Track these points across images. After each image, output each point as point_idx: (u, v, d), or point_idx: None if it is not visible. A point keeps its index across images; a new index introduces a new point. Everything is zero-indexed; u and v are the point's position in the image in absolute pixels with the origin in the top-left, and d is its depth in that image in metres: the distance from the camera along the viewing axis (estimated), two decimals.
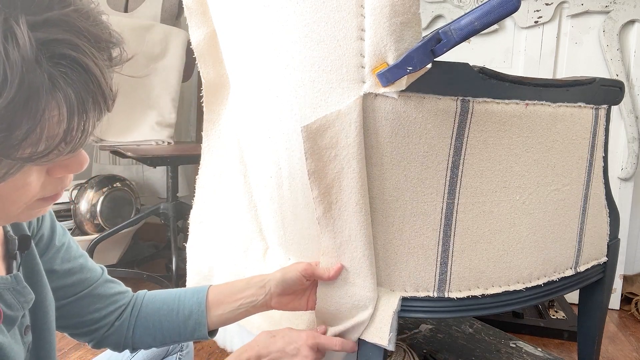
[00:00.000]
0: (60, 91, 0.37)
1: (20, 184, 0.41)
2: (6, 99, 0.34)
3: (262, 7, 0.73)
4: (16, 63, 0.34)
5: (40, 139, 0.37)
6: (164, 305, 0.76)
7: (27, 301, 0.57)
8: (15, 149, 0.36)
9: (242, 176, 1.02)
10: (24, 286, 0.57)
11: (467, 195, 0.72)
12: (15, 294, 0.55)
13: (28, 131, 0.36)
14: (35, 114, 0.36)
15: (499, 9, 0.54)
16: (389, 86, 0.63)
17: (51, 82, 0.36)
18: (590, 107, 0.84)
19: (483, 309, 0.78)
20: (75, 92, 0.37)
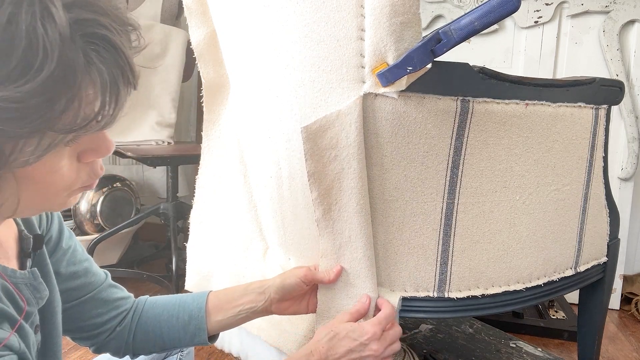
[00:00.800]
0: (94, 67, 0.39)
1: (54, 168, 0.43)
2: (47, 72, 0.36)
3: (262, 7, 0.73)
4: (55, 39, 0.36)
5: (79, 111, 0.39)
6: (164, 311, 0.76)
7: (42, 297, 0.57)
8: (56, 120, 0.38)
9: (242, 176, 1.02)
10: (39, 282, 0.58)
11: (467, 195, 0.72)
12: (32, 289, 0.56)
13: (67, 104, 0.38)
14: (72, 88, 0.38)
15: (499, 9, 0.54)
16: (389, 86, 0.63)
17: (85, 58, 0.38)
18: (590, 107, 0.84)
19: (483, 309, 0.78)
20: (107, 68, 0.40)
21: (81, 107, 0.39)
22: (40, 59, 0.36)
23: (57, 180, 0.44)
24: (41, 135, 0.39)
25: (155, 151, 1.71)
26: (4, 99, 0.35)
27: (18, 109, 0.36)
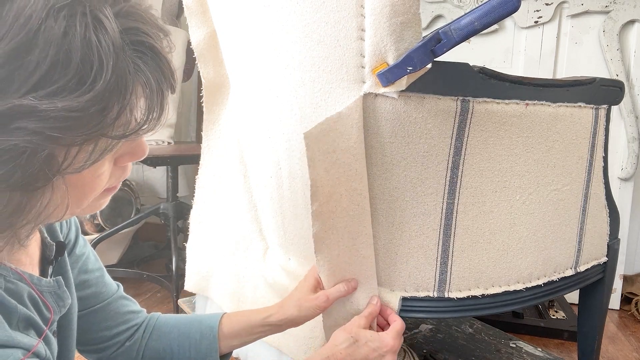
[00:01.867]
0: (142, 74, 0.41)
1: (97, 172, 0.44)
2: (104, 82, 0.37)
3: (262, 7, 0.73)
4: (109, 49, 0.37)
5: (130, 118, 0.41)
6: (175, 329, 0.75)
7: (65, 306, 0.58)
8: (110, 128, 0.40)
9: (242, 176, 1.02)
10: (63, 290, 0.58)
11: (467, 195, 0.72)
12: (56, 298, 0.56)
13: (120, 111, 0.39)
14: (125, 96, 0.39)
15: (499, 9, 0.54)
16: (389, 86, 0.63)
17: (134, 66, 0.40)
18: (590, 107, 0.84)
19: (483, 309, 0.78)
20: (152, 75, 0.42)
21: (132, 113, 0.41)
22: (96, 69, 0.37)
23: (98, 184, 0.46)
24: (95, 142, 0.40)
25: (155, 151, 1.71)
26: (64, 109, 0.36)
27: (76, 118, 0.37)
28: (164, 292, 1.93)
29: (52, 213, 0.44)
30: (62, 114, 0.36)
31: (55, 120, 0.37)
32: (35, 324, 0.51)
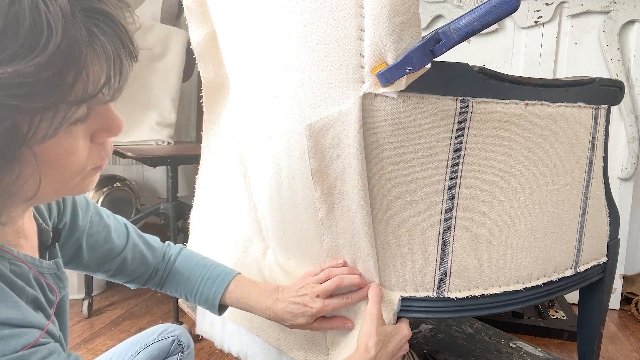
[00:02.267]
0: (97, 39, 0.41)
1: (71, 149, 0.45)
2: (54, 46, 0.38)
3: (261, 7, 0.73)
4: (57, 15, 0.38)
5: (87, 83, 0.41)
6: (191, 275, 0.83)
7: (64, 287, 0.60)
8: (68, 93, 0.40)
9: (241, 176, 1.02)
10: (62, 272, 0.61)
11: (466, 195, 0.72)
12: (57, 279, 0.59)
13: (76, 76, 0.40)
14: (79, 60, 0.40)
15: (498, 9, 0.54)
16: (388, 86, 0.63)
17: (87, 32, 0.41)
18: (590, 107, 0.84)
19: (483, 309, 0.78)
20: (109, 41, 0.42)
21: (89, 79, 0.41)
22: (46, 34, 0.38)
23: (74, 161, 0.46)
24: (55, 108, 0.41)
25: (155, 151, 1.71)
26: (17, 74, 0.37)
27: (31, 84, 0.38)
28: None
29: (25, 189, 0.44)
30: (17, 80, 0.37)
31: (10, 87, 0.37)
32: (42, 306, 0.52)
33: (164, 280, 0.83)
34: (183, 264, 0.83)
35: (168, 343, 0.86)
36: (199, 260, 0.84)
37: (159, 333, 0.87)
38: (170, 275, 0.83)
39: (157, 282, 0.84)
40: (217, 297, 0.80)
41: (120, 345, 0.86)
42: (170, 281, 0.83)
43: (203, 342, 1.49)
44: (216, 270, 0.83)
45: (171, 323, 0.96)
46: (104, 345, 1.50)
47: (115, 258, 0.77)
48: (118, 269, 0.78)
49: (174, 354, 0.89)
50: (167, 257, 0.84)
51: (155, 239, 0.85)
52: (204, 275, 0.82)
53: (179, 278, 0.83)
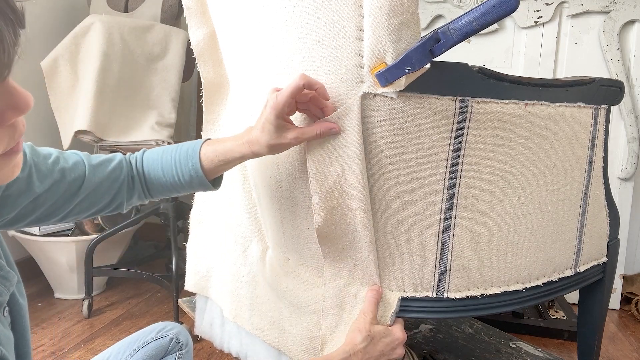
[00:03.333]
0: None
1: None
2: None
3: (260, 7, 0.73)
4: None
5: None
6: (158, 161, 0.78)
7: (12, 285, 0.57)
8: None
9: (241, 176, 1.02)
10: (7, 271, 0.57)
11: (466, 195, 0.72)
12: (1, 279, 0.56)
13: None
14: None
15: (497, 9, 0.54)
16: (387, 86, 0.63)
17: None
18: (589, 107, 0.84)
19: (482, 309, 0.78)
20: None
21: None
22: None
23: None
24: None
25: None
26: None
27: None
28: (164, 292, 1.93)
29: None
30: None
31: None
32: None
33: (145, 186, 0.79)
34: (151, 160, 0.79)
35: (166, 341, 0.86)
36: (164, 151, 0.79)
37: (157, 331, 0.87)
38: (147, 178, 0.79)
39: (141, 192, 0.79)
40: (198, 168, 0.76)
41: (118, 343, 0.85)
42: (152, 183, 0.79)
43: (203, 342, 1.49)
44: (183, 147, 0.78)
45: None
46: (104, 345, 1.50)
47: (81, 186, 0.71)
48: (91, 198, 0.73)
49: (172, 352, 0.89)
50: (134, 163, 0.79)
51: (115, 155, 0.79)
52: (175, 159, 0.78)
53: (157, 175, 0.79)
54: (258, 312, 0.96)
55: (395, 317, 0.76)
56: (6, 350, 0.52)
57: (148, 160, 0.79)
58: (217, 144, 0.77)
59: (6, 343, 0.54)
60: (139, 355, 0.85)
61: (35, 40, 2.01)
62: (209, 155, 0.76)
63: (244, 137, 0.74)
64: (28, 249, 1.80)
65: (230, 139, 0.77)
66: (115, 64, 1.78)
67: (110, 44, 1.75)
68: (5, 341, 0.53)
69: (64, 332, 1.59)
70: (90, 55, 1.72)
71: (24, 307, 0.61)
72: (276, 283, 0.91)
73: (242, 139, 0.75)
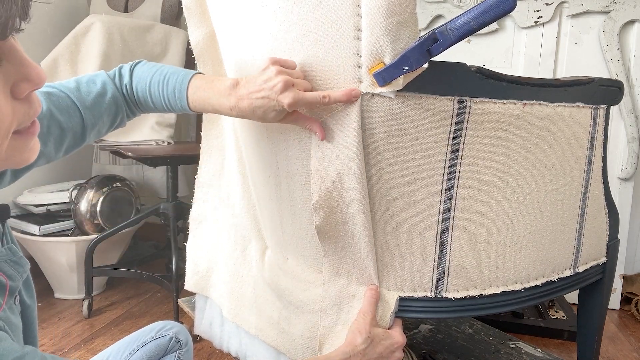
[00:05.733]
0: None
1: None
2: None
3: (259, 7, 0.73)
4: None
5: None
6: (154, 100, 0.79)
7: (25, 271, 0.58)
8: None
9: (241, 176, 1.02)
10: (20, 256, 0.58)
11: (464, 195, 0.72)
12: (14, 264, 0.56)
13: None
14: None
15: (495, 9, 0.54)
16: (385, 86, 0.63)
17: None
18: (588, 107, 0.84)
19: (481, 309, 0.78)
20: None
21: None
22: None
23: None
24: None
25: (155, 151, 1.71)
26: None
27: None
28: (164, 292, 1.93)
29: None
30: None
31: None
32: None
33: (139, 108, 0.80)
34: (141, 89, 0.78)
35: (166, 340, 0.86)
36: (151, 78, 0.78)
37: (157, 331, 0.87)
38: (139, 104, 0.80)
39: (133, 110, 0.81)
40: (186, 108, 0.77)
41: (118, 343, 0.85)
42: (145, 107, 0.80)
43: (203, 342, 1.49)
44: (170, 84, 0.77)
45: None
46: (104, 345, 1.50)
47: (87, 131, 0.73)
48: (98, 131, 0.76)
49: (172, 352, 0.89)
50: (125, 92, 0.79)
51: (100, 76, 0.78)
52: (163, 94, 0.77)
53: (147, 104, 0.79)
54: (257, 311, 0.96)
55: (394, 317, 0.76)
56: (15, 338, 0.52)
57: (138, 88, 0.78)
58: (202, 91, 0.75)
59: (15, 330, 0.54)
60: (139, 355, 0.85)
61: (35, 40, 2.01)
62: (195, 103, 0.76)
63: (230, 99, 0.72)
64: (28, 249, 1.80)
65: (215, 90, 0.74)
66: (115, 64, 1.77)
67: (110, 44, 1.75)
68: (14, 329, 0.53)
69: (64, 332, 1.59)
70: (90, 55, 1.72)
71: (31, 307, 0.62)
72: (275, 283, 0.91)
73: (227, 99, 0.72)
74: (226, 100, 0.72)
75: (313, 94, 0.67)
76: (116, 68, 0.81)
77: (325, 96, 0.66)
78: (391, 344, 0.72)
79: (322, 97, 0.66)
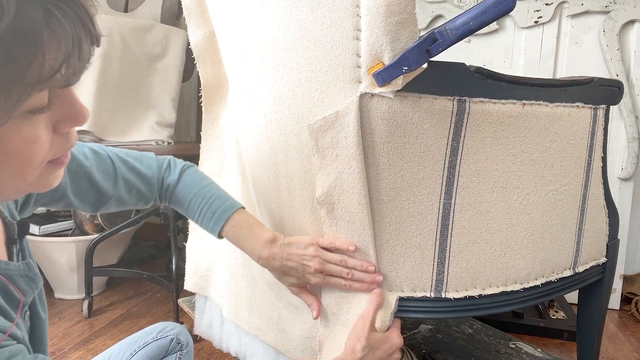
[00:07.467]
0: (55, 20, 0.39)
1: (33, 138, 0.43)
2: (5, 25, 0.36)
3: (259, 7, 0.73)
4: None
5: (43, 65, 0.39)
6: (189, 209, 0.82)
7: (37, 287, 0.58)
8: (22, 75, 0.38)
9: (240, 176, 1.02)
10: (35, 273, 0.58)
11: (464, 195, 0.72)
12: (28, 280, 0.57)
13: (31, 57, 0.38)
14: (34, 42, 0.38)
15: (494, 9, 0.54)
16: (385, 86, 0.63)
17: (45, 12, 0.39)
18: (588, 107, 0.84)
19: (481, 309, 0.78)
20: (69, 22, 0.40)
21: (45, 61, 0.39)
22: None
23: (36, 151, 0.44)
24: (7, 91, 0.39)
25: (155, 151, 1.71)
26: None
27: None
28: (164, 292, 1.93)
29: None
30: None
31: None
32: (4, 311, 0.50)
33: (169, 203, 0.84)
34: (182, 193, 0.83)
35: (167, 342, 0.86)
36: (198, 190, 0.82)
37: (157, 331, 0.87)
38: (173, 201, 0.83)
39: (162, 203, 0.85)
40: (216, 232, 0.80)
41: (119, 344, 0.85)
42: (174, 205, 0.84)
43: (203, 342, 1.49)
44: (213, 205, 0.81)
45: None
46: (104, 345, 1.50)
47: (108, 201, 0.76)
48: (117, 206, 0.79)
49: (172, 353, 0.89)
50: (165, 185, 0.83)
51: (149, 164, 0.82)
52: (201, 210, 0.81)
53: (180, 206, 0.83)
54: (257, 311, 0.96)
55: (394, 318, 0.75)
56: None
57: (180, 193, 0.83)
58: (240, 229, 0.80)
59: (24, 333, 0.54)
60: (140, 356, 0.85)
61: None
62: (228, 234, 0.81)
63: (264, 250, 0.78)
64: None
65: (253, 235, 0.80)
66: (115, 64, 1.78)
67: (110, 44, 1.75)
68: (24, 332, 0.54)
69: (64, 332, 1.59)
70: None
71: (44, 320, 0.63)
72: (275, 283, 0.91)
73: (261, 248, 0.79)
74: (259, 249, 0.78)
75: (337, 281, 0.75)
76: (169, 158, 0.86)
77: (347, 284, 0.74)
78: (389, 347, 0.73)
79: (343, 285, 0.74)
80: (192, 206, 0.81)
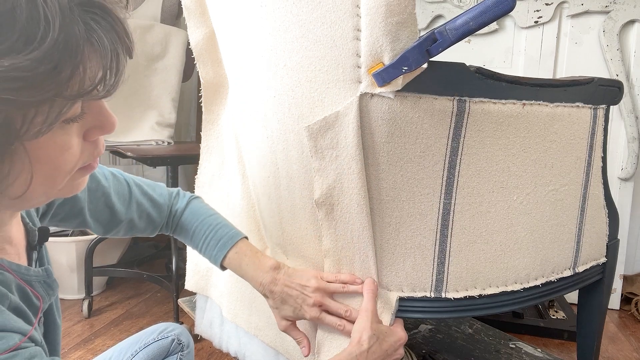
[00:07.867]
0: (94, 34, 0.41)
1: (65, 146, 0.45)
2: (51, 40, 0.38)
3: (259, 7, 0.73)
4: (55, 8, 0.38)
5: (84, 78, 0.41)
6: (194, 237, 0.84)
7: (53, 294, 0.59)
8: (64, 87, 0.40)
9: (240, 176, 1.02)
10: (53, 279, 0.59)
11: (464, 195, 0.72)
12: (46, 286, 0.58)
13: (73, 70, 0.40)
14: (76, 55, 0.40)
15: (494, 9, 0.54)
16: (385, 86, 0.63)
17: (85, 26, 0.40)
18: (588, 107, 0.84)
19: (480, 309, 0.78)
20: (106, 35, 0.42)
21: (86, 73, 0.41)
22: (43, 28, 0.37)
23: (67, 159, 0.45)
24: (51, 103, 0.40)
25: (155, 151, 1.71)
26: (13, 68, 0.37)
27: (27, 78, 0.38)
28: (164, 292, 1.93)
29: (14, 187, 0.44)
30: (12, 74, 0.37)
31: (6, 81, 0.37)
32: (25, 314, 0.51)
33: (174, 231, 0.86)
34: (189, 220, 0.84)
35: (168, 342, 0.86)
36: (204, 218, 0.84)
37: (158, 332, 0.87)
38: (178, 229, 0.85)
39: (168, 231, 0.86)
40: (218, 261, 0.81)
41: (120, 344, 0.86)
42: (179, 233, 0.86)
43: (203, 342, 1.49)
44: (219, 233, 0.82)
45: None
46: (104, 345, 1.51)
47: (120, 223, 0.78)
48: (127, 230, 0.80)
49: (173, 353, 0.89)
50: (173, 212, 0.85)
51: (161, 191, 0.85)
52: (206, 237, 0.82)
53: (185, 234, 0.85)
54: (256, 311, 0.96)
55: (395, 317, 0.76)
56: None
57: (186, 220, 0.85)
58: (244, 256, 0.81)
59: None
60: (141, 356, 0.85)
61: None
62: (230, 262, 0.81)
63: (266, 276, 0.79)
64: None
65: (257, 261, 0.81)
66: None
67: None
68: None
69: (64, 332, 1.59)
70: None
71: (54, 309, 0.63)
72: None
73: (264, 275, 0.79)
74: (262, 275, 0.79)
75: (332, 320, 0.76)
76: (177, 188, 0.89)
77: (341, 325, 0.75)
78: (395, 341, 0.73)
79: (338, 325, 0.75)
80: (198, 233, 0.83)
